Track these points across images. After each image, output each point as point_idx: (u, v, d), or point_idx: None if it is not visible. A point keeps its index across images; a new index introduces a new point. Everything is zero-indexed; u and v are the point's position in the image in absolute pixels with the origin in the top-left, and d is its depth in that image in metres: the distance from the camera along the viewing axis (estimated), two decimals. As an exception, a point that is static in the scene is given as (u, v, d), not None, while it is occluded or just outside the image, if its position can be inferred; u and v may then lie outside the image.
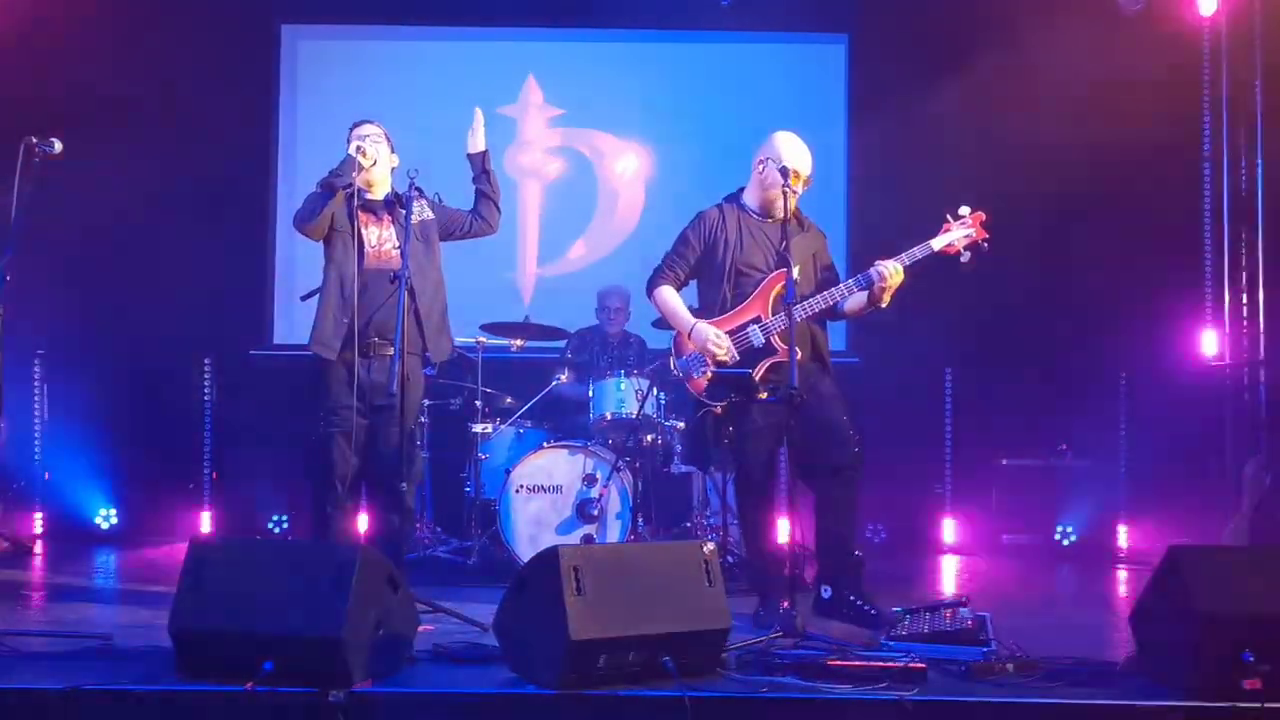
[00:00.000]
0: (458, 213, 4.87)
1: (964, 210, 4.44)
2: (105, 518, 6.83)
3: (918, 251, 4.39)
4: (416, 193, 4.58)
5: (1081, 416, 6.88)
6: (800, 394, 4.02)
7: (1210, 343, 6.80)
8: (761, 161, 4.55)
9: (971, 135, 6.83)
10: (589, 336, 6.54)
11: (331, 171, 4.59)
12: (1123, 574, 5.81)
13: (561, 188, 7.50)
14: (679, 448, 5.96)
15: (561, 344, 6.53)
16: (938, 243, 4.39)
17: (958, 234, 4.40)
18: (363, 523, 4.94)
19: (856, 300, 4.47)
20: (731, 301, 4.51)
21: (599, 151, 7.50)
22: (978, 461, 6.95)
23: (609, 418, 5.77)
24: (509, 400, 6.27)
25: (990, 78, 6.67)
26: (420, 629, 3.76)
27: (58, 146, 4.03)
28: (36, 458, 6.86)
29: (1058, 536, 6.60)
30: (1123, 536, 6.57)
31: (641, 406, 5.61)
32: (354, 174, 4.54)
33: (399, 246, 4.54)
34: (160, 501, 6.92)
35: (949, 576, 5.86)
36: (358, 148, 4.58)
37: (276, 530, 6.72)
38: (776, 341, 4.39)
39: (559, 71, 7.50)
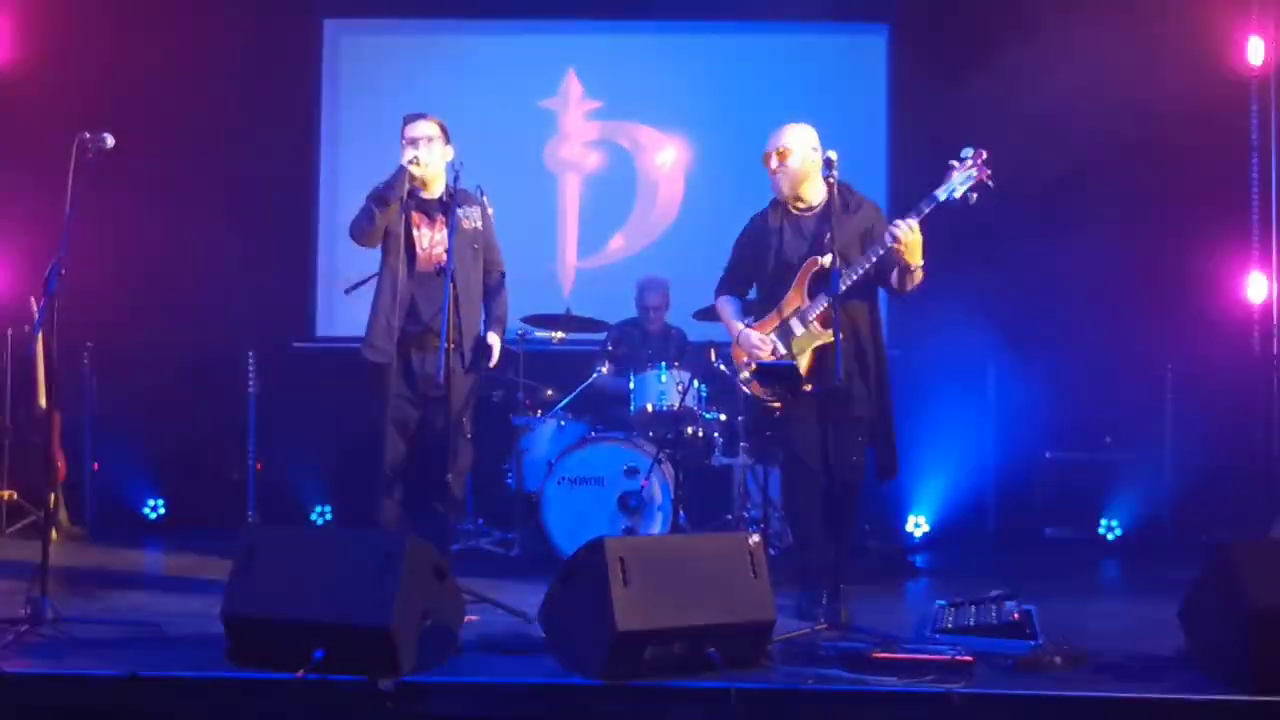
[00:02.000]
0: (493, 266, 4.89)
1: (966, 152, 4.39)
2: (153, 508, 6.92)
3: (924, 206, 4.36)
4: (478, 192, 4.60)
5: (1126, 409, 6.81)
6: (846, 387, 4.01)
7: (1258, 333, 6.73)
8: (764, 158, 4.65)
9: (1013, 124, 6.73)
10: (630, 329, 6.54)
11: (384, 183, 4.59)
12: (1169, 568, 5.74)
13: (601, 180, 7.51)
14: (720, 440, 5.96)
15: (602, 336, 6.54)
16: (943, 192, 4.36)
17: (959, 178, 4.36)
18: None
19: (889, 269, 4.46)
20: (777, 297, 4.58)
21: (638, 144, 7.50)
22: (1021, 455, 6.89)
23: (650, 410, 5.78)
24: (550, 392, 6.29)
25: (1031, 65, 6.60)
26: (465, 619, 3.79)
27: (110, 141, 4.07)
28: (86, 449, 6.98)
29: (1102, 530, 6.54)
30: (1169, 530, 6.50)
31: (683, 399, 5.61)
32: (407, 185, 4.56)
33: (449, 250, 4.55)
34: (205, 492, 7.00)
35: (993, 570, 5.82)
36: (412, 159, 4.57)
37: (320, 520, 6.78)
38: (816, 327, 4.44)
39: (599, 64, 7.50)
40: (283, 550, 3.52)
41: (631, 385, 5.91)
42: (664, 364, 5.86)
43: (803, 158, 4.59)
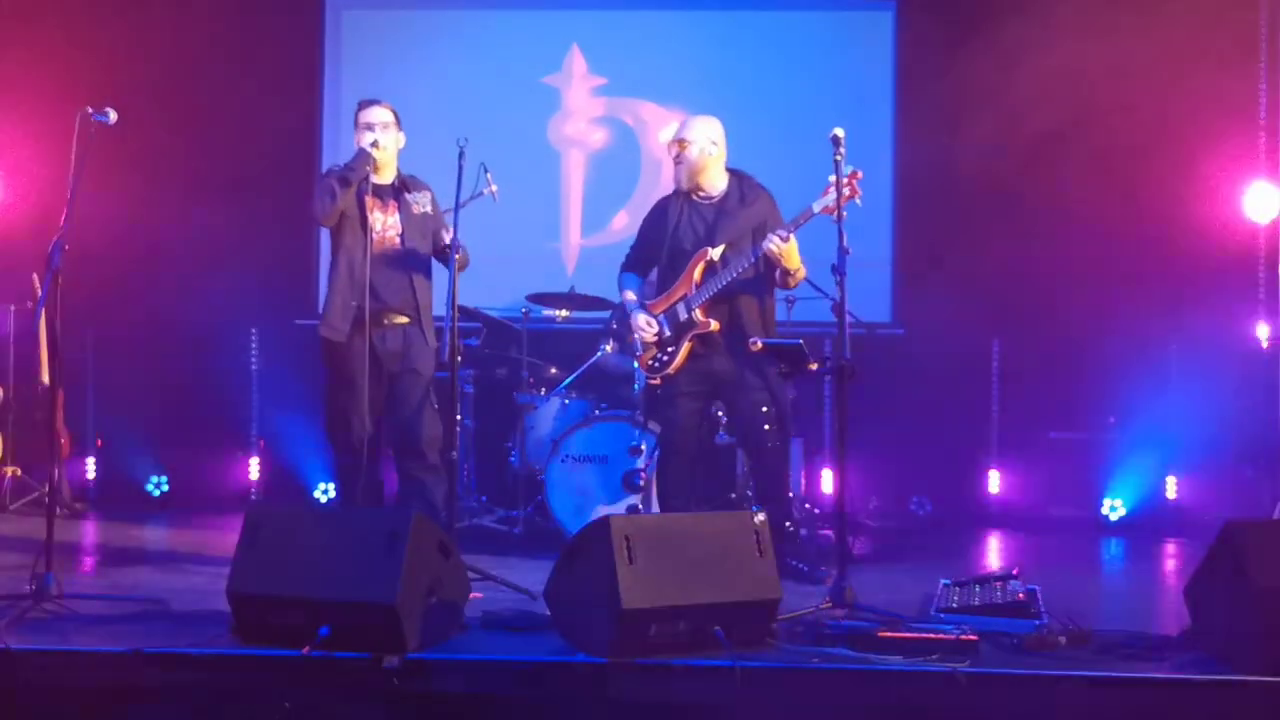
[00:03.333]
0: (439, 236, 4.87)
1: (846, 169, 4.44)
2: (156, 484, 6.92)
3: (801, 219, 4.59)
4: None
5: (1130, 388, 6.80)
6: (853, 365, 4.02)
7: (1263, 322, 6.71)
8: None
9: (1019, 101, 6.73)
10: (633, 307, 6.51)
11: (345, 165, 4.75)
12: (1172, 548, 5.75)
13: (605, 158, 7.47)
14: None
15: (606, 314, 6.52)
16: (818, 205, 4.52)
17: (834, 195, 4.41)
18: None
19: (773, 268, 4.70)
20: (670, 282, 4.88)
21: (642, 121, 7.45)
22: (1024, 434, 6.88)
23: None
24: (554, 370, 6.28)
25: (1039, 44, 6.57)
26: (470, 596, 3.79)
27: (113, 116, 4.05)
28: (89, 425, 6.97)
29: (1105, 510, 6.53)
30: (1172, 510, 6.50)
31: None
32: (367, 168, 4.68)
33: (401, 234, 4.78)
34: (209, 469, 7.00)
35: (996, 549, 5.83)
36: (373, 142, 4.71)
37: (323, 497, 6.79)
38: (698, 315, 4.76)
39: (603, 41, 7.45)
40: (288, 528, 3.51)
41: (635, 364, 5.88)
42: (640, 343, 5.83)
43: (701, 149, 4.81)
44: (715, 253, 4.74)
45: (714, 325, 4.74)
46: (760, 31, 7.37)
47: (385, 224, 4.80)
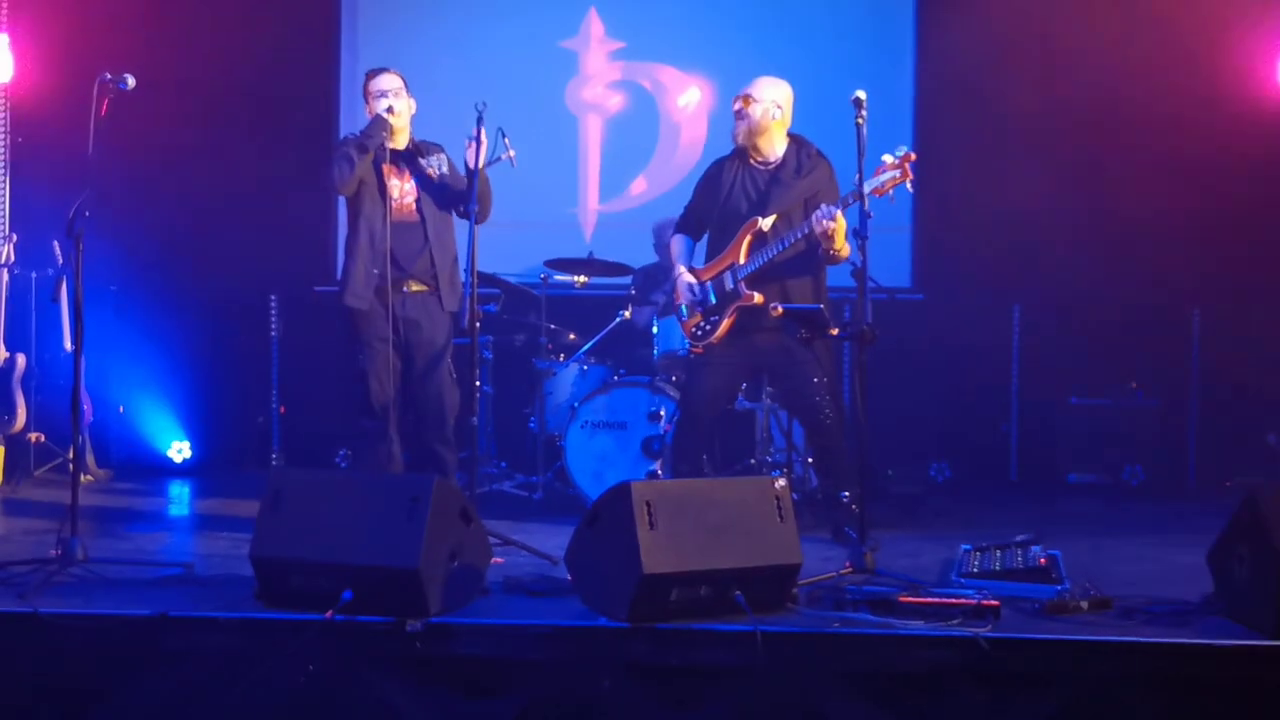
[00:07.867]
0: (458, 194, 4.82)
1: (900, 150, 4.43)
2: (179, 451, 6.97)
3: (849, 198, 4.49)
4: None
5: (1152, 354, 6.76)
6: (873, 330, 4.01)
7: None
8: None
9: (1041, 63, 6.66)
10: (653, 273, 6.50)
11: (362, 132, 4.76)
12: (1193, 514, 5.73)
13: (623, 122, 7.43)
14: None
15: (626, 280, 6.51)
16: (869, 185, 4.40)
17: (887, 176, 4.39)
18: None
19: (817, 243, 4.60)
20: (720, 248, 4.83)
21: (661, 85, 7.40)
22: (1045, 400, 6.85)
23: (675, 354, 5.75)
24: (573, 336, 6.28)
25: (1059, 3, 6.49)
26: (491, 561, 3.81)
27: (131, 82, 4.05)
28: (111, 391, 7.01)
29: (1126, 476, 6.51)
30: (1193, 476, 6.46)
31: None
32: (384, 134, 4.69)
33: (417, 200, 4.79)
34: (230, 435, 7.06)
35: (1016, 515, 5.80)
36: (388, 108, 4.72)
37: (343, 464, 6.82)
38: (744, 286, 4.70)
39: (621, 4, 7.39)
40: (310, 493, 3.53)
41: (655, 329, 5.88)
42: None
43: (765, 110, 4.74)
44: (765, 223, 4.68)
45: (758, 298, 4.66)
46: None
47: (402, 190, 4.81)
